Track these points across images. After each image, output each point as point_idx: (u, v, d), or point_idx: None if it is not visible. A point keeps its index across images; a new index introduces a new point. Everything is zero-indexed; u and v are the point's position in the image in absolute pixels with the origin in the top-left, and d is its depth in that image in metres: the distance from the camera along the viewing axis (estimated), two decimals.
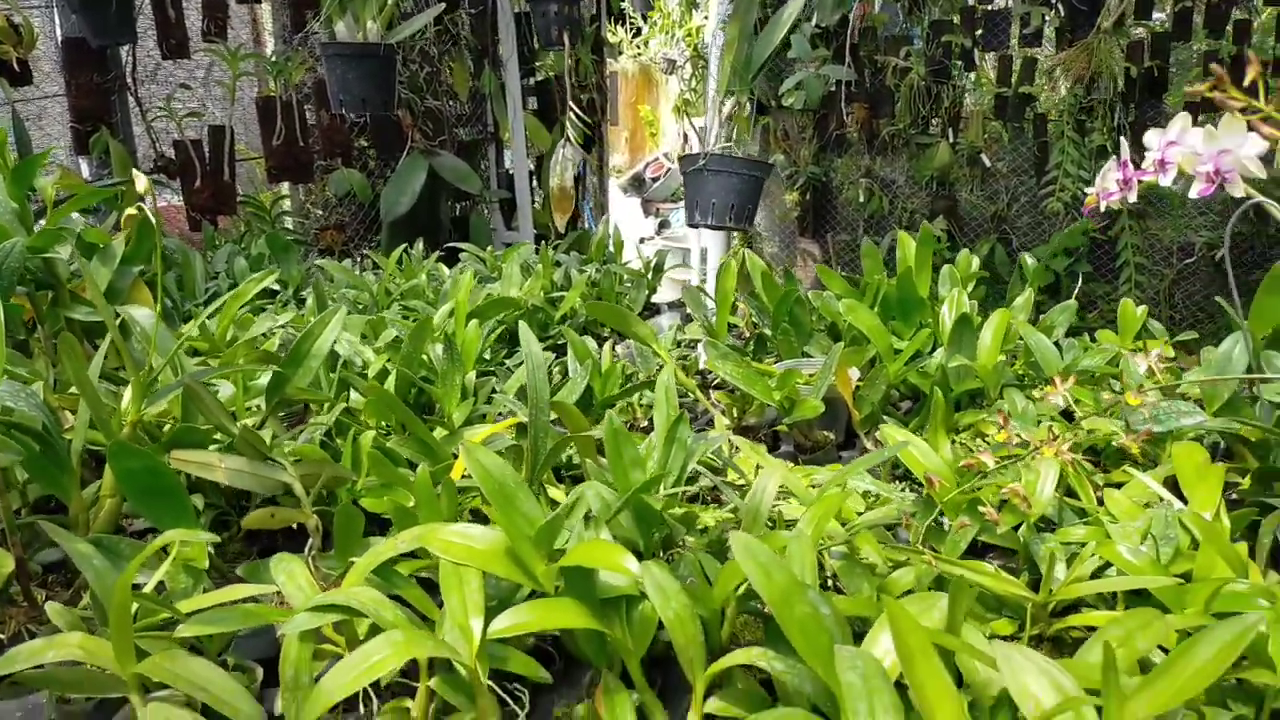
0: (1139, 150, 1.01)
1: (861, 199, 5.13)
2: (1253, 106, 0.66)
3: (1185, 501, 1.02)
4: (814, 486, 1.12)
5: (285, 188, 3.54)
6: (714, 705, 0.77)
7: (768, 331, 1.69)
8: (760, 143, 5.41)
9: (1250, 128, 0.86)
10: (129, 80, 2.91)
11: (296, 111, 2.85)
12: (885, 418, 1.43)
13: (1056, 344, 1.63)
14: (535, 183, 4.17)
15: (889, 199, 5.14)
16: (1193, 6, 4.19)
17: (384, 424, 1.30)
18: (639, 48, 7.71)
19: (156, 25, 2.76)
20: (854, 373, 1.51)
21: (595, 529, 0.86)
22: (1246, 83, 0.67)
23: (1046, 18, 4.49)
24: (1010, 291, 1.72)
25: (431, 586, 0.90)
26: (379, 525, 1.14)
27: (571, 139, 2.53)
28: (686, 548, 0.93)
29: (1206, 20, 4.22)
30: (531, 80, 4.05)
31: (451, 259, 2.57)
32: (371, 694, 0.84)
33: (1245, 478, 1.19)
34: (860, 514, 1.10)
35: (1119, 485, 1.13)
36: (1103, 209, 1.05)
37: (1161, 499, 1.03)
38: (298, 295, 2.15)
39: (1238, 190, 0.92)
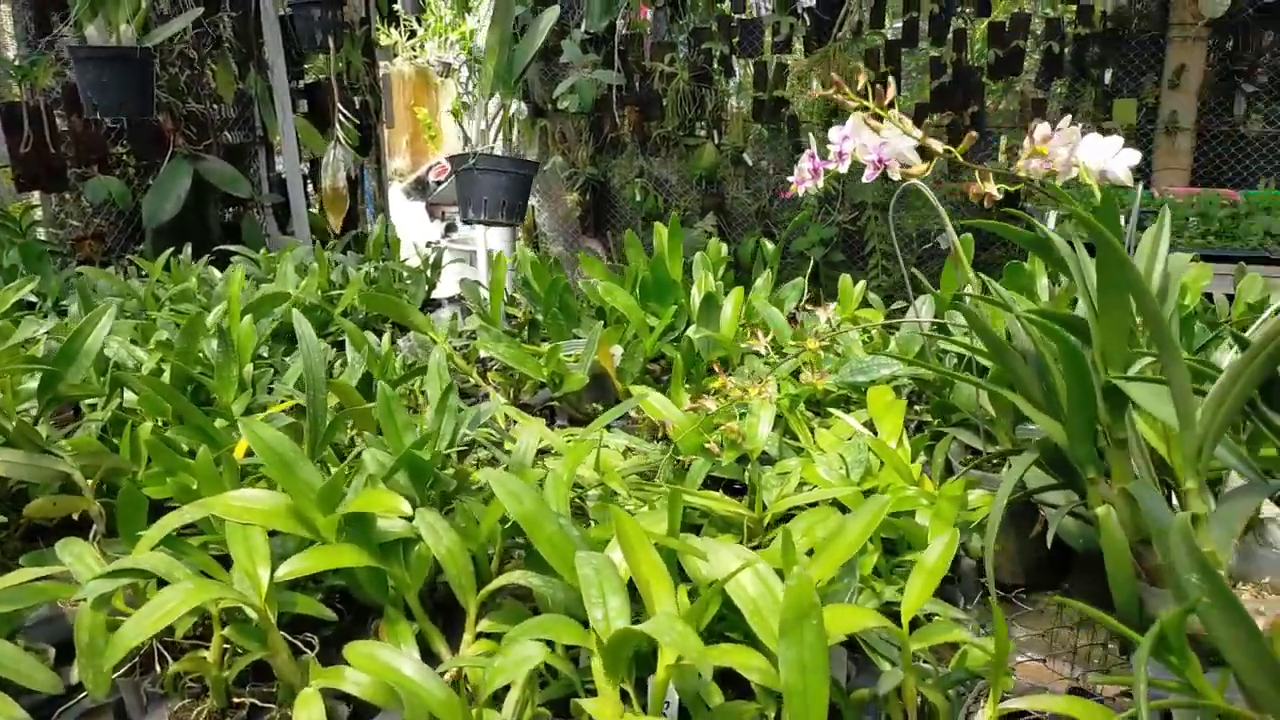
0: None
1: (638, 198, 5.38)
2: (863, 105, 0.85)
3: (877, 433, 1.24)
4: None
5: (37, 197, 3.35)
6: (485, 625, 0.89)
7: (540, 318, 1.82)
8: (540, 145, 5.56)
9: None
10: None
11: (45, 117, 2.72)
12: (644, 386, 1.59)
13: (791, 316, 1.86)
14: (311, 186, 4.13)
15: (663, 197, 5.41)
16: (918, 17, 4.68)
17: (161, 420, 1.33)
18: (415, 50, 7.67)
19: None
20: (617, 350, 1.67)
21: (373, 485, 0.95)
22: (859, 88, 0.86)
23: (794, 26, 4.88)
24: (754, 274, 1.93)
25: (225, 560, 0.97)
26: (163, 514, 1.18)
27: (342, 140, 2.57)
28: (461, 500, 1.04)
29: (930, 29, 4.72)
30: (301, 83, 4.00)
31: (223, 264, 2.54)
32: (165, 653, 0.90)
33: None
34: (618, 466, 1.25)
35: (830, 427, 1.34)
36: (800, 194, 1.25)
37: (857, 432, 1.23)
38: (58, 306, 2.09)
39: (895, 174, 1.13)
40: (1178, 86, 4.41)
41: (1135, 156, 1.07)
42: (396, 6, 6.30)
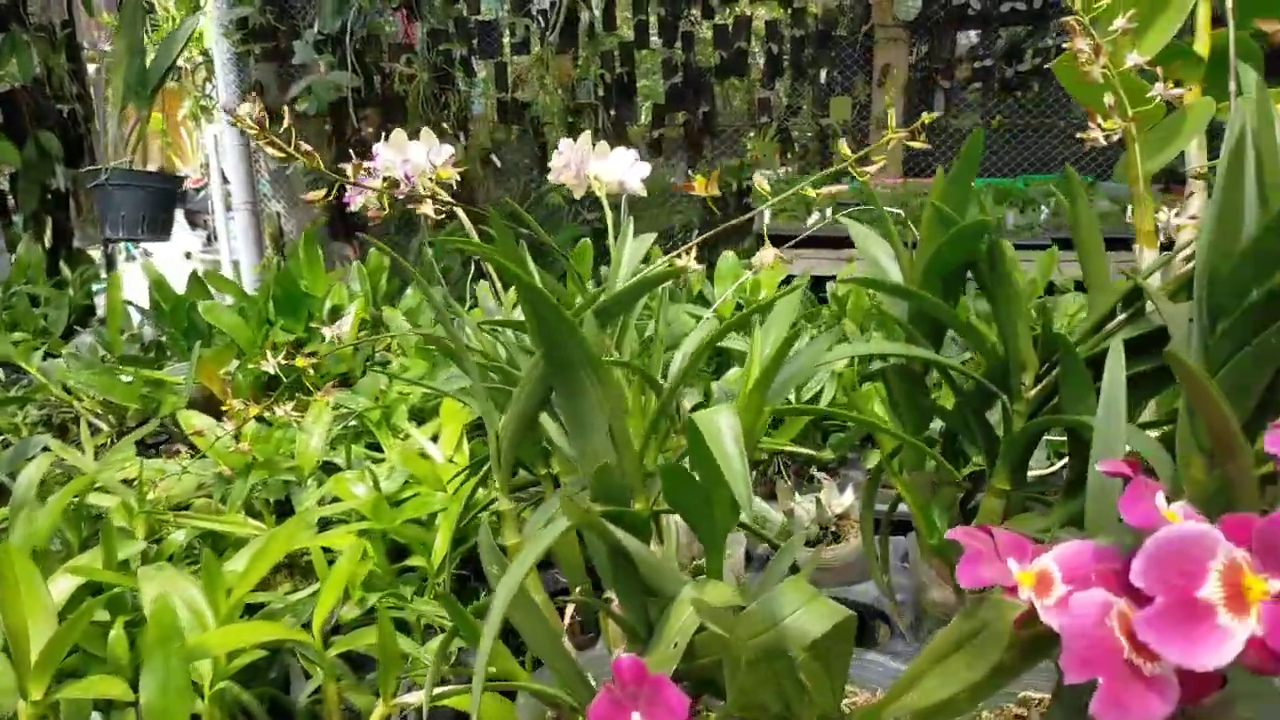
0: None
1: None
2: (248, 126, 0.86)
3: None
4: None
5: None
6: None
7: (163, 339, 1.76)
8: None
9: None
10: None
11: None
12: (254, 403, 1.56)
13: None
14: (14, 204, 3.82)
15: None
16: (648, 19, 4.82)
17: None
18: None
19: None
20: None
21: None
22: (255, 112, 0.87)
23: (529, 28, 4.92)
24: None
25: None
26: None
27: None
28: None
29: (660, 31, 4.87)
30: None
31: None
32: None
33: None
34: (176, 490, 1.22)
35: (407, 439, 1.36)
36: (356, 207, 1.26)
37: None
38: None
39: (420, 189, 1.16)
40: (885, 84, 4.74)
41: (646, 169, 1.15)
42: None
